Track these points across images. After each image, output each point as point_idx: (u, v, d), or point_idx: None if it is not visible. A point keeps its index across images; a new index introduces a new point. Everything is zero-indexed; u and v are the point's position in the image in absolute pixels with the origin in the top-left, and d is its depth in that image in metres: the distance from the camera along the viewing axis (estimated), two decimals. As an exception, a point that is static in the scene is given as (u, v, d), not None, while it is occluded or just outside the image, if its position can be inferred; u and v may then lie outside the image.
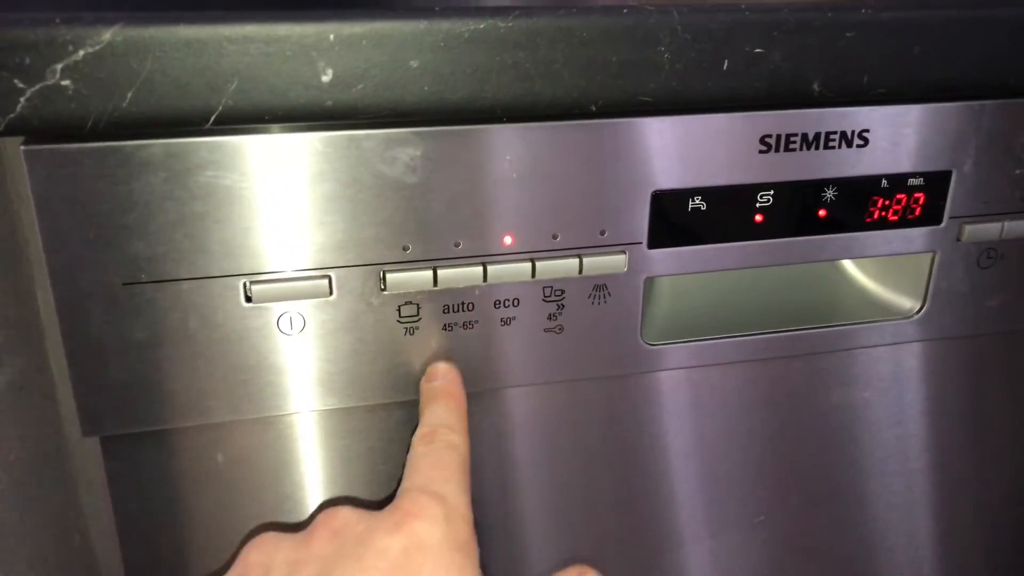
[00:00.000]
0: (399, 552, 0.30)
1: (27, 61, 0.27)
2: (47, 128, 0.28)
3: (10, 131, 0.28)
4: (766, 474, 0.46)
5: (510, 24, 0.31)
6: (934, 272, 0.42)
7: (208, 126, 0.29)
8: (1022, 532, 0.53)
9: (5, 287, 0.43)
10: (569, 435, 0.42)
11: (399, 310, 0.35)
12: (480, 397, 0.39)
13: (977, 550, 0.53)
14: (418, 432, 0.35)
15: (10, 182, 0.45)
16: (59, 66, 0.27)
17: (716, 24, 0.32)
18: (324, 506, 0.37)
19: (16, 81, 0.27)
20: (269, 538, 0.32)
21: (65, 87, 0.28)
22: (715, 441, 0.44)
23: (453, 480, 0.33)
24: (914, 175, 0.39)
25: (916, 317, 0.43)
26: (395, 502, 0.32)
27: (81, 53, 0.27)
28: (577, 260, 0.36)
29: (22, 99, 0.27)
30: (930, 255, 0.41)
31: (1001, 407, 0.49)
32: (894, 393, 0.46)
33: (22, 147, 0.30)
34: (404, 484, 0.33)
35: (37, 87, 0.27)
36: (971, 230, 0.41)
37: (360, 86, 0.30)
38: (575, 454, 0.42)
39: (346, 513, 0.32)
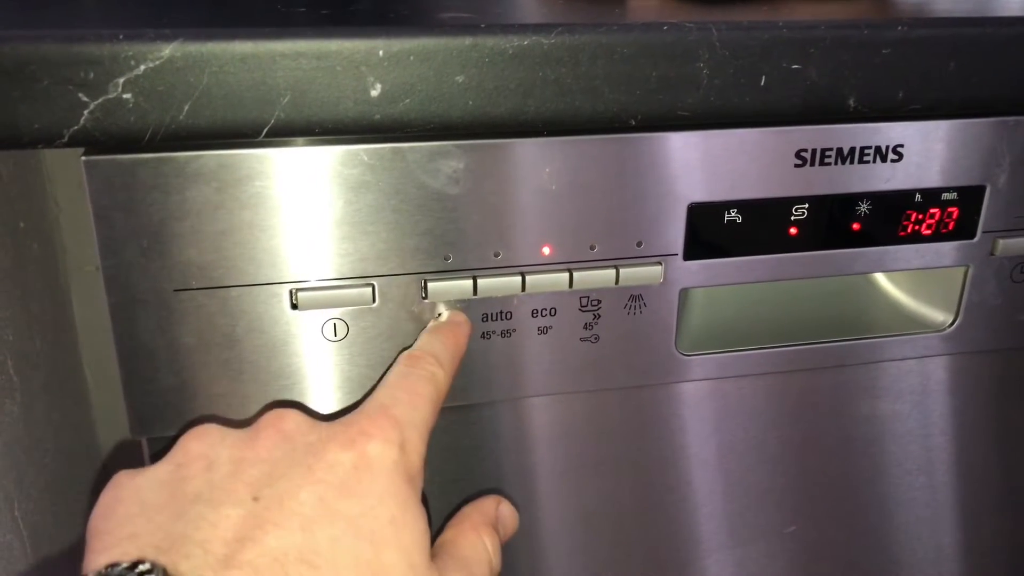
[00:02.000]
0: (349, 468, 0.29)
1: (91, 76, 0.28)
2: (108, 139, 0.29)
3: (73, 142, 0.29)
4: (796, 485, 0.47)
5: (553, 40, 0.31)
6: (967, 286, 0.42)
7: (260, 138, 0.30)
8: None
9: (42, 293, 0.44)
10: (600, 444, 0.43)
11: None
12: (514, 405, 0.40)
13: (1003, 563, 0.53)
14: (407, 351, 0.35)
15: (49, 191, 0.47)
16: (121, 80, 0.28)
17: (754, 41, 0.33)
18: (270, 407, 0.35)
19: (80, 95, 0.28)
20: (212, 430, 0.31)
21: (126, 100, 0.29)
22: (745, 451, 0.45)
23: (420, 410, 0.32)
24: (948, 190, 0.39)
25: (948, 330, 0.43)
26: (354, 415, 0.32)
27: (142, 68, 0.28)
28: (614, 271, 0.37)
29: (85, 112, 0.29)
30: (963, 269, 0.42)
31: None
32: (924, 406, 0.46)
33: (83, 158, 0.31)
34: (373, 396, 0.32)
35: (100, 100, 0.29)
36: (1005, 244, 0.41)
37: (407, 100, 0.31)
38: (605, 462, 0.43)
39: (296, 417, 0.31)
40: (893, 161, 0.38)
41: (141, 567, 0.26)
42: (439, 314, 0.36)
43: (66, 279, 0.49)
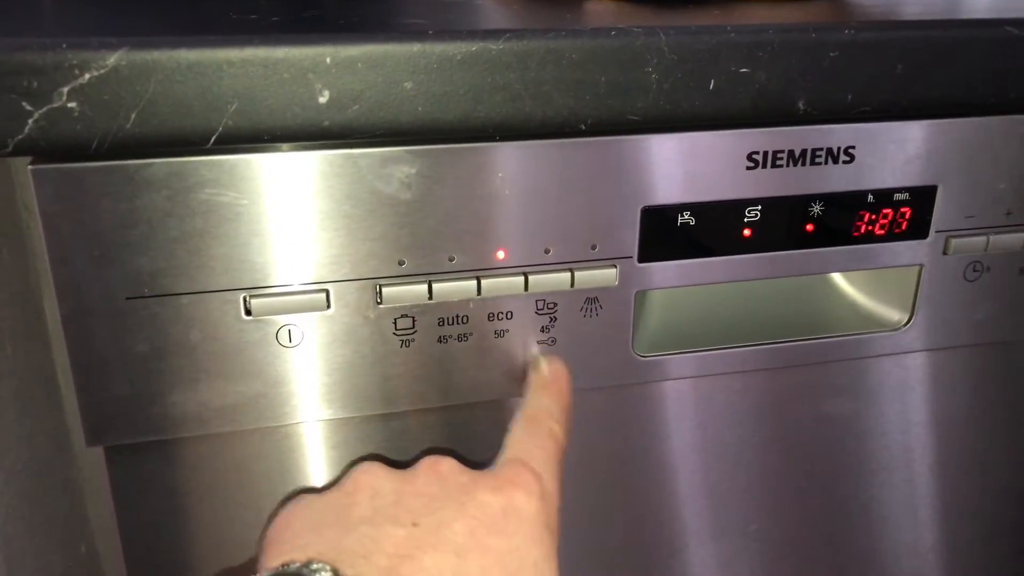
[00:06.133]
0: (498, 511, 0.32)
1: (35, 84, 0.28)
2: (53, 148, 0.29)
3: (18, 151, 0.29)
4: (758, 483, 0.47)
5: (501, 46, 0.32)
6: (921, 285, 0.42)
7: (209, 146, 0.30)
8: (1014, 540, 0.54)
9: (13, 299, 0.44)
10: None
11: (395, 323, 0.36)
12: (475, 408, 0.40)
13: (972, 559, 0.53)
14: (523, 412, 0.37)
15: (19, 196, 0.46)
16: (66, 89, 0.28)
17: (702, 44, 0.33)
18: (426, 453, 0.38)
19: (24, 104, 0.28)
20: (377, 466, 0.35)
21: (71, 109, 0.29)
22: (707, 450, 0.45)
23: (551, 464, 0.35)
24: (900, 190, 0.40)
25: (904, 329, 0.44)
26: (497, 467, 0.34)
27: (87, 76, 0.28)
28: (569, 274, 0.37)
29: (30, 121, 0.28)
30: (917, 268, 0.42)
31: (991, 416, 0.49)
32: (883, 403, 0.47)
33: (30, 166, 0.31)
34: (506, 454, 0.35)
35: (44, 109, 0.28)
36: (957, 244, 0.41)
37: (356, 107, 0.31)
38: (570, 463, 0.43)
39: (450, 462, 0.34)
40: (845, 162, 0.39)
41: (315, 565, 0.30)
42: (539, 363, 0.38)
43: (38, 285, 0.48)
